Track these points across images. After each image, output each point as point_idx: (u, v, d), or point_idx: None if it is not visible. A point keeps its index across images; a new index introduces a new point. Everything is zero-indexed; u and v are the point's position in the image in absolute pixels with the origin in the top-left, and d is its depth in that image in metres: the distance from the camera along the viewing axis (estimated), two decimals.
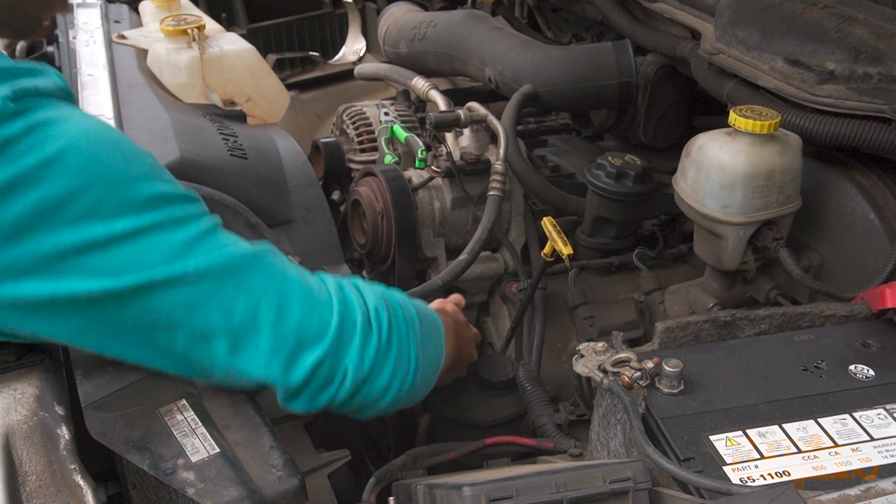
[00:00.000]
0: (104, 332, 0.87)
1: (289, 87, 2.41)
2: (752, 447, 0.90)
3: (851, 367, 1.02)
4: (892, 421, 0.93)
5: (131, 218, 0.84)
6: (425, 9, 2.46)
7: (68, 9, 1.11)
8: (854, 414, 0.94)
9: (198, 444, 0.87)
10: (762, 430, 0.92)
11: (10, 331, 0.86)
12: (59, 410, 0.90)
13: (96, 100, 1.57)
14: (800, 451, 0.89)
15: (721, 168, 1.29)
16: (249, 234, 1.32)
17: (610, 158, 1.62)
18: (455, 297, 1.47)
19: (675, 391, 0.97)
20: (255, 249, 0.95)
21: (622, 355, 0.99)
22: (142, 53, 1.93)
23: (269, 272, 0.94)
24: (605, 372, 0.98)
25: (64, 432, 0.88)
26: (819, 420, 0.94)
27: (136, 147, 0.90)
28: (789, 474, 0.86)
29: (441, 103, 1.76)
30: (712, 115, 1.81)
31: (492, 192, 1.52)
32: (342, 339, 0.97)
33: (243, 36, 2.10)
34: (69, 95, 0.89)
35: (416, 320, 1.10)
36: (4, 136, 0.78)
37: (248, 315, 0.91)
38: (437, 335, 1.18)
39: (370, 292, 1.05)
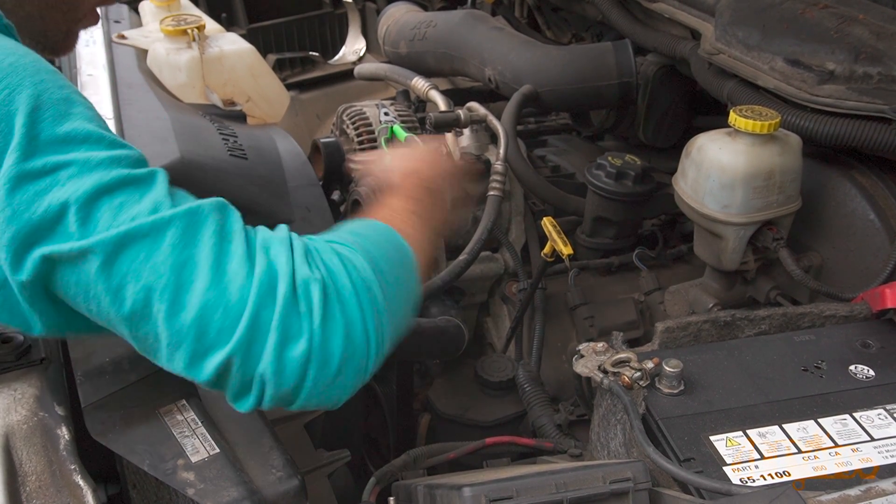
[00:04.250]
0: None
1: (289, 87, 2.41)
2: (752, 447, 0.90)
3: (851, 368, 1.02)
4: (893, 421, 0.93)
5: (39, 159, 0.76)
6: (425, 9, 2.46)
7: (97, 22, 1.09)
8: (854, 414, 0.94)
9: (198, 444, 0.87)
10: (762, 430, 0.92)
11: None
12: (59, 411, 0.90)
13: (96, 100, 1.57)
14: (800, 452, 0.89)
15: (721, 168, 1.29)
16: None
17: (610, 158, 1.62)
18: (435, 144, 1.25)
19: (676, 391, 0.97)
20: (158, 219, 0.78)
21: (622, 355, 0.99)
22: (142, 53, 1.93)
23: (169, 250, 0.77)
24: (605, 372, 0.98)
25: (64, 433, 0.88)
26: (819, 420, 0.94)
27: (55, 78, 0.82)
28: (789, 474, 0.86)
29: (441, 103, 1.76)
30: (712, 115, 1.81)
31: (492, 192, 1.52)
32: (253, 339, 0.78)
33: (243, 36, 2.10)
34: (6, 28, 0.86)
35: (372, 278, 0.85)
36: None
37: (139, 303, 0.77)
38: (407, 270, 0.94)
39: (303, 268, 0.82)
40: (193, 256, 0.78)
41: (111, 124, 1.48)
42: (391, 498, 1.02)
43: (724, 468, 0.87)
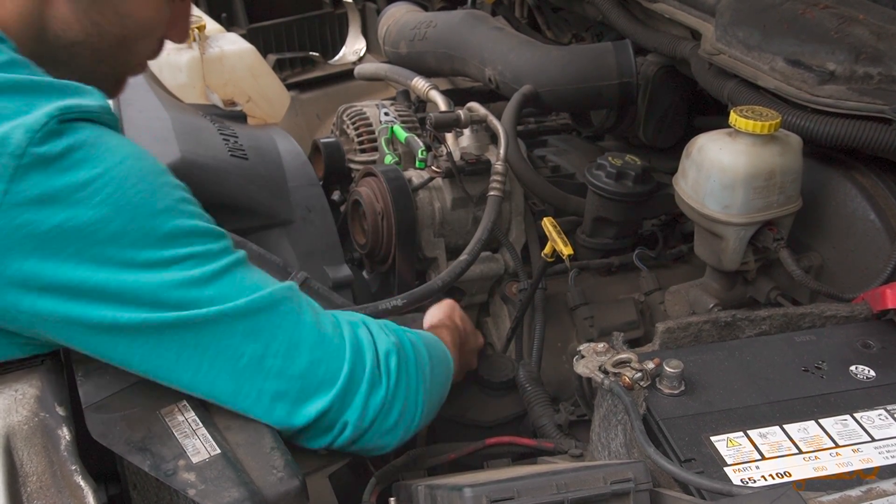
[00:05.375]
0: (114, 357, 0.89)
1: (289, 87, 2.41)
2: (753, 448, 0.90)
3: (852, 368, 1.02)
4: (893, 421, 0.93)
5: (150, 251, 0.85)
6: (425, 9, 2.46)
7: (145, 70, 1.14)
8: (855, 414, 0.94)
9: (199, 445, 0.87)
10: (763, 430, 0.92)
11: (46, 339, 0.89)
12: (60, 411, 0.90)
13: None
14: (801, 452, 0.89)
15: (721, 168, 1.29)
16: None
17: (610, 158, 1.62)
18: (450, 301, 1.45)
19: (676, 392, 0.97)
20: (273, 292, 0.93)
21: (623, 356, 0.99)
22: None
23: (283, 316, 0.93)
24: (605, 372, 0.98)
25: (65, 433, 0.88)
26: (820, 421, 0.94)
27: (169, 179, 0.91)
28: (790, 475, 0.87)
29: (441, 103, 1.76)
30: (712, 115, 1.81)
31: (492, 193, 1.52)
32: (349, 391, 0.96)
33: (243, 36, 2.11)
34: (112, 117, 0.90)
35: (427, 365, 1.08)
36: (46, 153, 0.80)
37: (255, 360, 0.90)
38: (447, 373, 1.17)
39: (382, 337, 1.03)
40: (301, 321, 0.94)
41: None
42: (392, 498, 1.02)
43: (725, 469, 0.87)
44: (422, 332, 1.17)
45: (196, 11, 2.13)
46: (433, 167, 1.59)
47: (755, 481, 0.86)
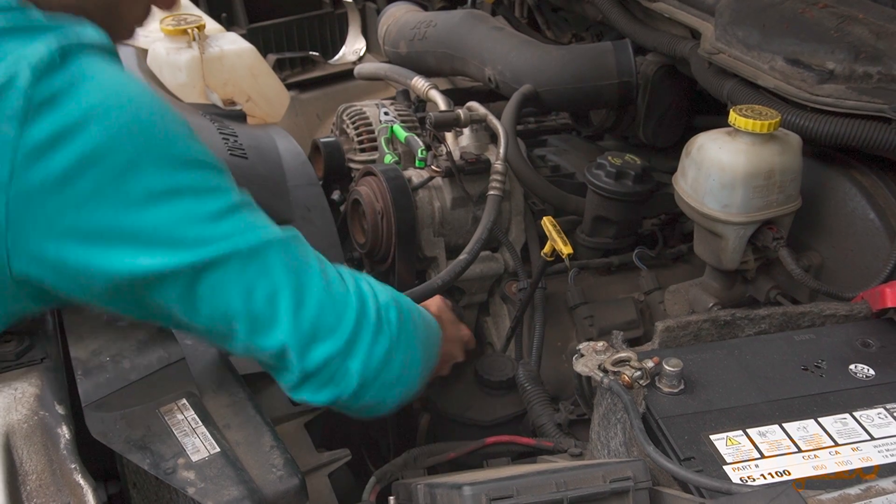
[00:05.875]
0: (129, 303, 0.89)
1: (289, 87, 2.41)
2: (752, 446, 0.90)
3: (851, 367, 1.02)
4: (893, 420, 0.93)
5: (167, 175, 0.84)
6: (425, 9, 2.46)
7: (132, 38, 1.14)
8: (854, 413, 0.94)
9: (198, 443, 0.87)
10: (762, 429, 0.92)
11: (48, 286, 0.87)
12: (60, 410, 0.90)
13: None
14: (800, 451, 0.89)
15: (721, 168, 1.29)
16: None
17: (610, 158, 1.62)
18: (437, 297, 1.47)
19: (676, 390, 0.97)
20: (282, 234, 0.95)
21: (622, 355, 0.99)
22: (142, 53, 1.93)
23: (293, 259, 0.94)
24: (605, 371, 0.98)
25: (64, 431, 0.88)
26: (819, 419, 0.94)
27: (175, 111, 0.90)
28: (790, 474, 0.87)
29: (441, 103, 1.76)
30: (712, 114, 1.81)
31: (492, 192, 1.52)
32: (355, 338, 0.98)
33: (243, 36, 2.10)
34: (112, 49, 0.90)
35: (421, 325, 1.10)
36: (52, 88, 0.80)
37: (268, 300, 0.91)
38: (436, 340, 1.19)
39: (382, 290, 1.05)
40: (310, 266, 0.96)
41: None
42: (391, 497, 1.02)
43: (725, 467, 0.87)
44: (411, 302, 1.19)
45: (196, 11, 2.13)
46: (433, 167, 1.59)
47: (754, 480, 0.86)
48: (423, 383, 1.12)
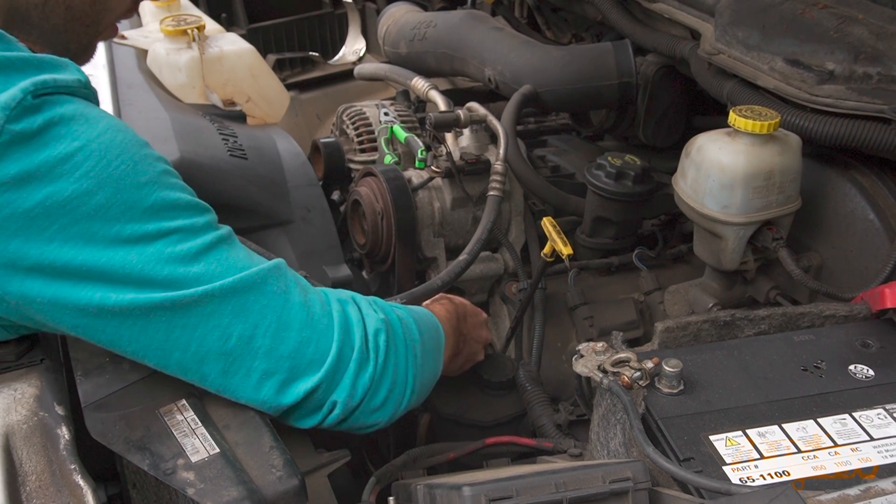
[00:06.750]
0: (102, 340, 0.88)
1: (289, 87, 2.41)
2: (751, 447, 0.90)
3: (851, 367, 1.02)
4: (892, 421, 0.93)
5: (135, 224, 0.84)
6: (425, 9, 2.46)
7: (116, 34, 1.12)
8: (854, 414, 0.94)
9: (198, 444, 0.87)
10: (762, 430, 0.92)
11: (33, 322, 0.88)
12: (59, 410, 0.90)
13: None
14: (799, 451, 0.89)
15: (721, 168, 1.29)
16: None
17: (610, 158, 1.62)
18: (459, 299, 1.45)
19: (675, 391, 0.97)
20: (260, 270, 0.92)
21: (622, 355, 0.99)
22: (142, 53, 1.93)
23: (271, 295, 0.92)
24: (604, 372, 0.98)
25: (64, 432, 0.88)
26: (819, 420, 0.94)
27: (150, 151, 0.90)
28: (789, 474, 0.87)
29: (441, 103, 1.76)
30: (712, 115, 1.81)
31: (492, 192, 1.52)
32: (338, 370, 0.96)
33: (243, 36, 2.11)
34: (90, 90, 0.89)
35: (417, 341, 1.07)
36: (23, 129, 0.79)
37: (244, 340, 0.90)
38: (438, 347, 1.17)
39: (371, 314, 1.02)
40: (290, 301, 0.93)
41: None
42: (391, 497, 1.02)
43: (724, 468, 0.87)
44: (412, 307, 1.17)
45: (196, 11, 2.13)
46: (433, 167, 1.59)
47: (754, 480, 0.86)
48: (425, 391, 1.11)
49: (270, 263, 0.95)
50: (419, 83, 1.85)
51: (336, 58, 2.91)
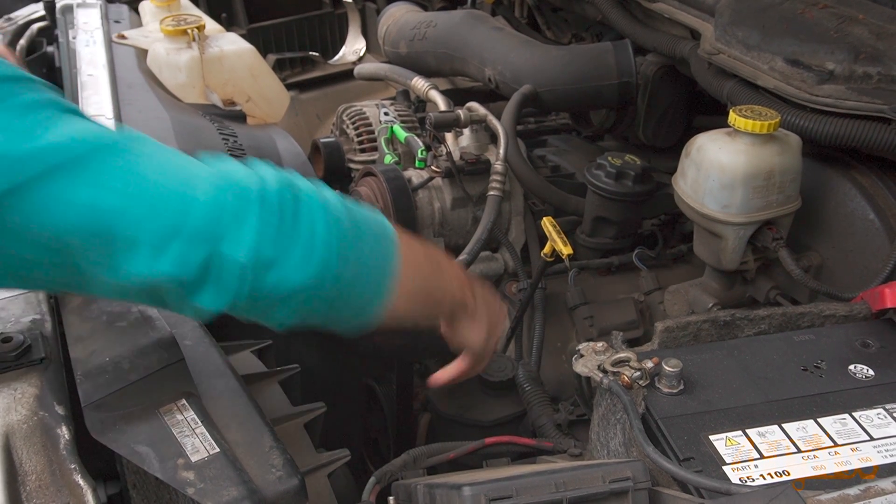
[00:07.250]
0: None
1: (289, 87, 2.41)
2: (751, 447, 0.90)
3: (851, 367, 1.02)
4: (892, 420, 0.93)
5: None
6: (425, 9, 2.46)
7: None
8: (854, 414, 0.94)
9: (198, 443, 0.87)
10: (762, 429, 0.92)
11: None
12: (59, 410, 0.90)
13: (96, 100, 1.57)
14: (799, 451, 0.89)
15: (721, 168, 1.29)
16: None
17: (610, 158, 1.62)
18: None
19: (675, 391, 0.97)
20: (117, 135, 0.81)
21: (622, 355, 0.99)
22: (142, 53, 1.93)
23: (136, 159, 0.80)
24: (604, 372, 0.98)
25: (64, 432, 0.88)
26: (819, 420, 0.94)
27: None
28: (789, 474, 0.87)
29: (441, 103, 1.76)
30: (712, 115, 1.81)
31: (492, 192, 1.52)
32: (230, 227, 0.80)
33: (243, 36, 2.11)
34: None
35: (343, 215, 0.88)
36: None
37: (117, 213, 0.77)
38: (382, 241, 0.93)
39: (275, 176, 0.86)
40: (144, 166, 0.80)
41: (111, 124, 1.48)
42: (391, 497, 1.02)
43: (724, 468, 0.87)
44: (351, 200, 0.95)
45: (196, 11, 2.13)
46: (433, 167, 1.59)
47: (754, 480, 0.86)
48: (362, 291, 0.90)
49: (133, 133, 0.84)
50: (419, 83, 1.85)
51: (336, 58, 2.91)
